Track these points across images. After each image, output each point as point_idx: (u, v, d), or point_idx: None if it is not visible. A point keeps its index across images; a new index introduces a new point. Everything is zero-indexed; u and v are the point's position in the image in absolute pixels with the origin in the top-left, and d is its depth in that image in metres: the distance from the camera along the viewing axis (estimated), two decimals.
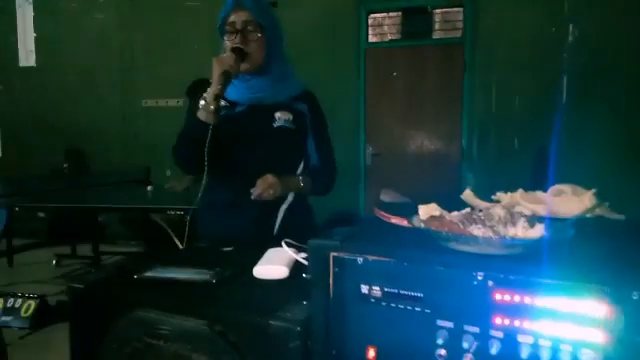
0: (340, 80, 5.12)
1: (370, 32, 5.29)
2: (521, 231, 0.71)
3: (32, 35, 6.15)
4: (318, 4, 5.21)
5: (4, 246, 4.44)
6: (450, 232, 0.70)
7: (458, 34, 5.05)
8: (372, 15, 5.26)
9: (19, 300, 3.28)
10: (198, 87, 1.51)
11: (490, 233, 0.70)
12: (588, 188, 0.87)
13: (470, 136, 5.01)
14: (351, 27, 5.21)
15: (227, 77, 1.41)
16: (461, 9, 5.01)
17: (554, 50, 4.55)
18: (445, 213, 0.76)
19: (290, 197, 1.56)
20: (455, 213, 0.75)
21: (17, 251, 4.48)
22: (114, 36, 5.89)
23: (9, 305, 3.26)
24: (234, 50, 1.46)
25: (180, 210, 2.87)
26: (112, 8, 5.89)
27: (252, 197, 1.45)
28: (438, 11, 5.10)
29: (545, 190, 0.89)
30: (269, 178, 1.46)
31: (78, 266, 4.49)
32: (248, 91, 1.55)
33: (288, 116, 1.55)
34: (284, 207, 1.56)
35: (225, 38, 1.52)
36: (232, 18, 1.50)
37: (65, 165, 5.70)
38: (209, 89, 1.42)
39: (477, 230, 0.71)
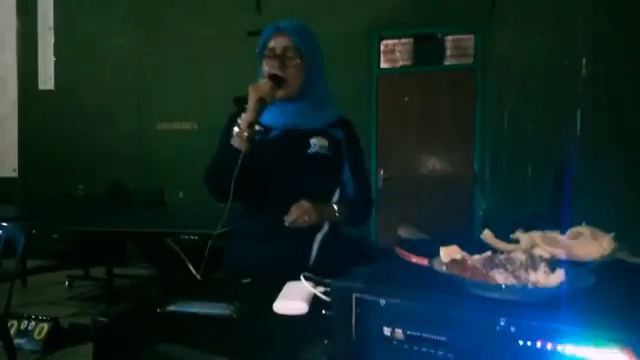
0: (352, 105, 5.14)
1: (382, 58, 5.37)
2: (542, 276, 0.72)
3: (52, 60, 6.32)
4: (330, 30, 5.27)
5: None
6: (473, 279, 0.71)
7: (469, 61, 5.12)
8: (384, 41, 5.36)
9: (32, 322, 3.27)
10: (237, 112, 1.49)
11: (512, 278, 0.71)
12: (607, 231, 0.88)
13: (482, 161, 5.03)
14: (363, 53, 5.29)
15: (262, 104, 1.39)
16: (472, 36, 5.09)
17: (566, 80, 4.55)
18: (467, 256, 0.77)
19: (326, 227, 1.51)
20: (476, 257, 0.77)
21: (31, 273, 4.51)
22: (130, 61, 6.03)
23: (23, 327, 3.25)
24: (271, 77, 1.44)
25: (194, 235, 2.88)
26: (129, 34, 6.04)
27: (286, 223, 1.41)
28: (449, 38, 5.19)
29: (563, 231, 0.90)
30: (304, 204, 1.41)
31: (91, 288, 4.52)
32: (283, 116, 1.52)
33: (324, 142, 1.52)
34: (320, 237, 1.50)
35: (264, 63, 1.50)
36: (272, 44, 1.48)
37: (80, 187, 5.78)
38: (243, 115, 1.40)
39: (499, 275, 0.72)
